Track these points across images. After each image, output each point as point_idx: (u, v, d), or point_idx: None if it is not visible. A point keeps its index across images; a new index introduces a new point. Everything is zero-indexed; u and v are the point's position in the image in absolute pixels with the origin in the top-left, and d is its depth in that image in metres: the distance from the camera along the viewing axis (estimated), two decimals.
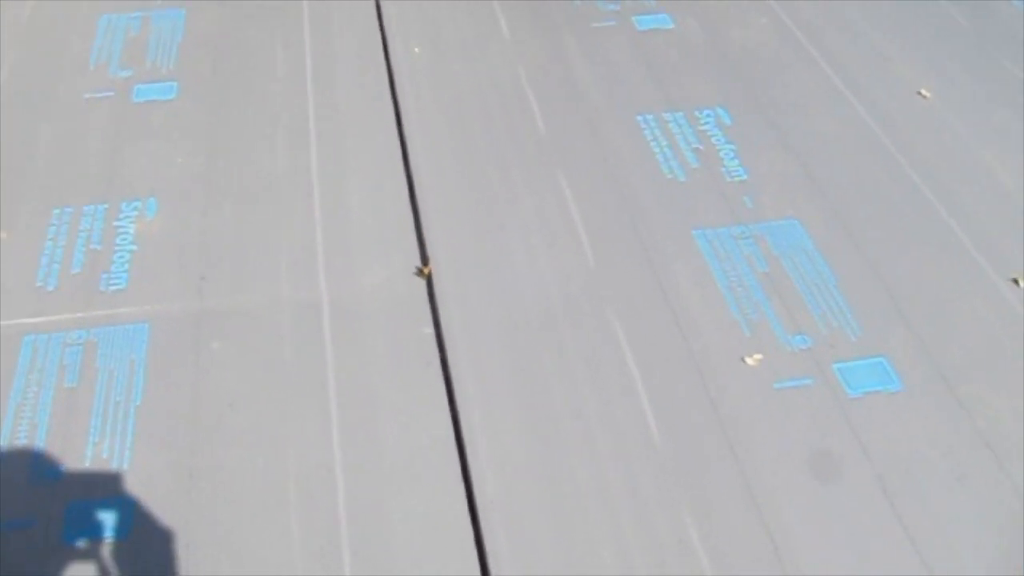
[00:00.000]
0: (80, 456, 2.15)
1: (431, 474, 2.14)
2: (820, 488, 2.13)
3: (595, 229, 2.70)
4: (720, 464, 2.18)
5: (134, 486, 2.11)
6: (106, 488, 2.10)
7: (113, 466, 2.14)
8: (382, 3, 3.57)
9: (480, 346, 2.40)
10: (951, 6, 3.67)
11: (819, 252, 2.64)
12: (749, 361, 2.37)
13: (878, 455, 2.19)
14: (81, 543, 2.00)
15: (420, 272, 2.55)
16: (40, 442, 2.17)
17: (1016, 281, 2.58)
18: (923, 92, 3.22)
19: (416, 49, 3.34)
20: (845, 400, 2.30)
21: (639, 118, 3.07)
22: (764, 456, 2.19)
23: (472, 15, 3.53)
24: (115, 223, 2.68)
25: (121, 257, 2.58)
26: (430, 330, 2.43)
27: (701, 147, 2.97)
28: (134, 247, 2.61)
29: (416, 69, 3.27)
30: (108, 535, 2.02)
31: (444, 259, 2.60)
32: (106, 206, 2.72)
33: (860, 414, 2.27)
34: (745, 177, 2.87)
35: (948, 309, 2.53)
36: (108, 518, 2.05)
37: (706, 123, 3.06)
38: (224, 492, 2.10)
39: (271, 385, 2.31)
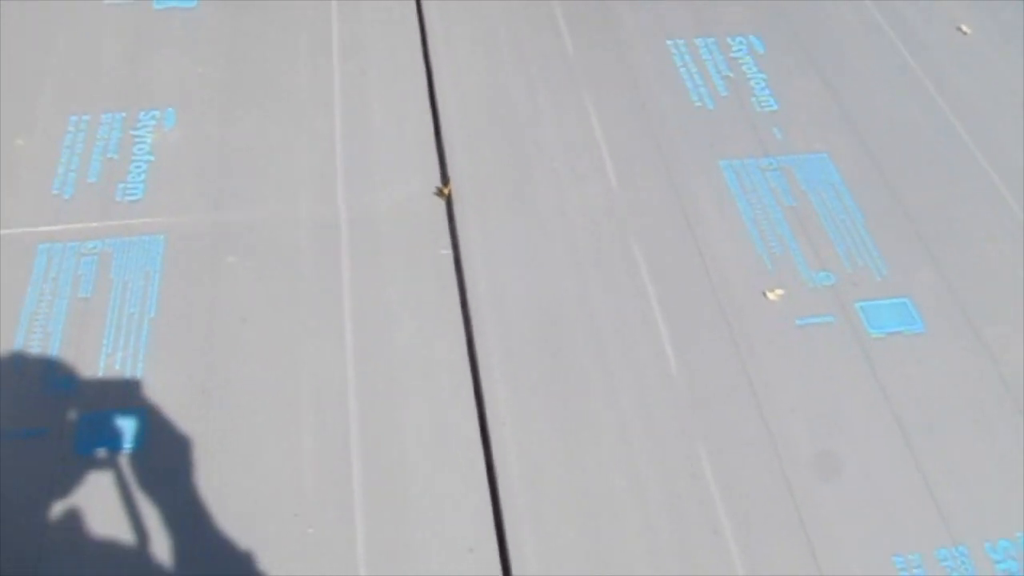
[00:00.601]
0: (94, 367, 2.15)
1: (443, 394, 2.13)
2: (837, 427, 2.11)
3: (620, 154, 2.65)
4: (737, 397, 2.15)
5: (147, 398, 2.10)
6: (119, 399, 2.09)
7: (126, 378, 2.13)
8: None
9: (498, 268, 2.37)
10: None
11: (847, 188, 2.59)
12: (771, 296, 2.34)
13: (897, 396, 2.16)
14: (94, 452, 2.00)
15: (440, 192, 2.52)
16: (54, 352, 2.17)
17: None
18: (963, 28, 3.13)
19: None
20: (867, 339, 2.27)
21: (669, 43, 3.00)
22: (782, 392, 2.16)
23: None
24: (132, 132, 2.64)
25: (138, 167, 2.55)
26: (448, 251, 2.40)
27: (732, 75, 2.90)
28: (151, 157, 2.58)
29: None
30: (121, 446, 2.02)
31: (465, 179, 2.56)
32: (124, 115, 2.68)
33: (881, 354, 2.24)
34: (775, 108, 2.80)
35: (976, 251, 2.48)
36: (121, 429, 2.05)
37: (738, 51, 2.99)
38: (236, 406, 2.10)
39: (286, 301, 2.29)
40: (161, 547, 1.89)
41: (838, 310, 2.32)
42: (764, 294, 2.34)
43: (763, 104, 2.81)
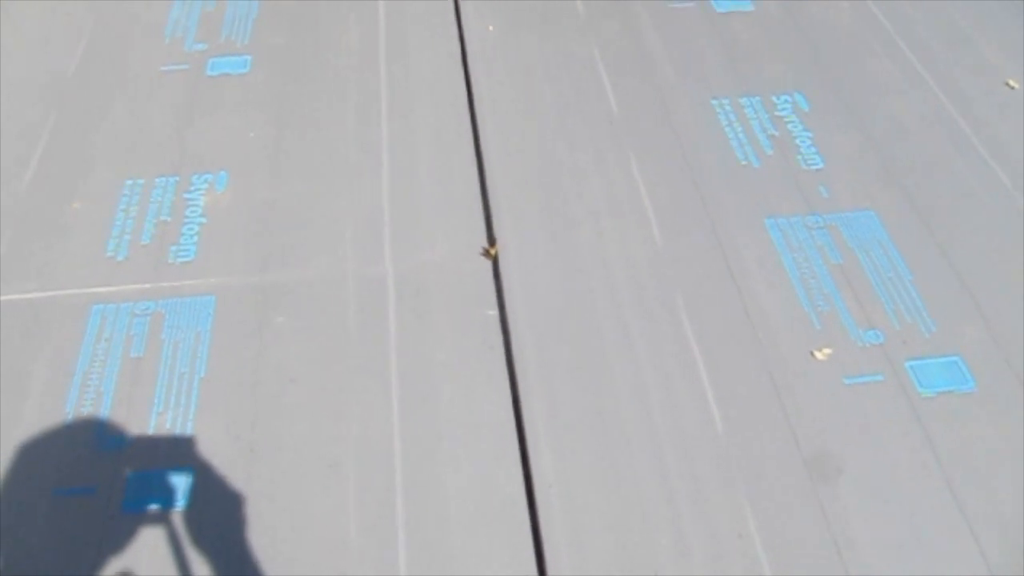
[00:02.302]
0: (144, 425, 2.18)
1: (489, 455, 2.13)
2: (887, 488, 2.08)
3: (664, 213, 2.65)
4: (784, 458, 2.13)
5: (196, 456, 2.13)
6: (168, 458, 2.12)
7: (176, 436, 2.16)
8: None
9: (543, 329, 2.37)
10: None
11: (895, 245, 2.57)
12: (818, 355, 2.32)
13: (948, 457, 2.13)
14: (140, 511, 2.03)
15: (486, 253, 2.54)
16: (105, 411, 2.20)
17: None
18: (1010, 83, 3.11)
19: (490, 27, 3.31)
20: (917, 399, 2.24)
21: (714, 102, 3.02)
22: (830, 451, 2.14)
23: None
24: (185, 195, 2.70)
25: (190, 229, 2.60)
26: (494, 312, 2.41)
27: (777, 133, 2.90)
28: (203, 219, 2.63)
29: (489, 46, 3.25)
30: (167, 505, 2.04)
31: (510, 239, 2.58)
32: (177, 178, 2.75)
33: (932, 414, 2.21)
34: (821, 165, 2.80)
35: None
36: (168, 488, 2.07)
37: (783, 109, 2.99)
38: (283, 465, 2.12)
39: (333, 360, 2.31)
40: None
41: (887, 369, 2.30)
42: (811, 353, 2.33)
43: (809, 161, 2.81)
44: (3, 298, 2.44)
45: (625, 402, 2.23)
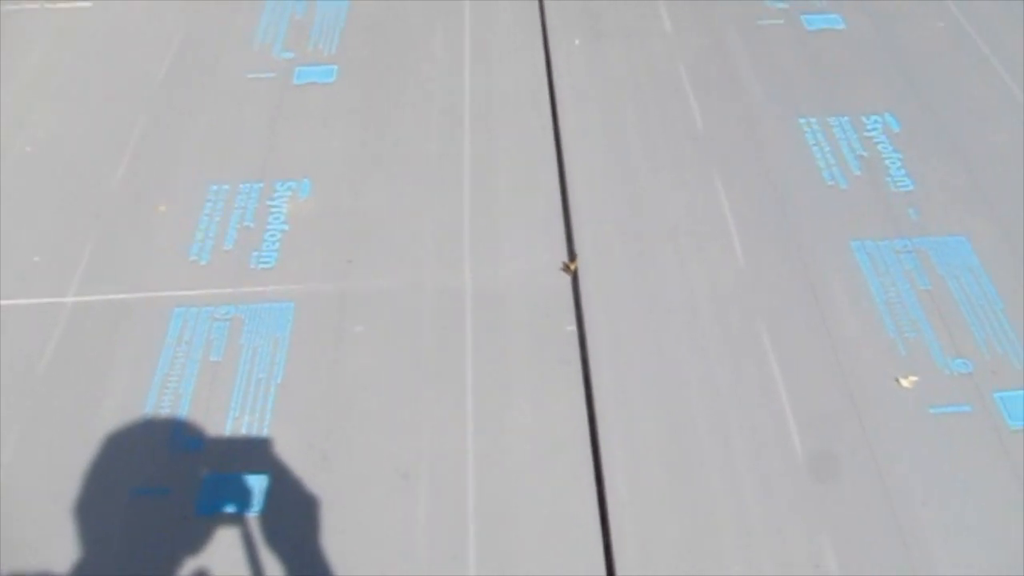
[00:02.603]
0: (220, 429, 2.20)
1: (562, 471, 2.11)
2: (972, 522, 2.01)
3: (748, 233, 2.61)
4: (865, 487, 2.07)
5: (269, 462, 2.14)
6: (242, 462, 2.14)
7: (251, 440, 2.18)
8: None
9: (622, 347, 2.35)
10: None
11: (986, 272, 2.50)
12: (904, 382, 2.26)
13: None
14: (214, 514, 2.04)
15: (566, 268, 2.52)
16: (183, 413, 2.23)
17: None
18: None
19: (576, 41, 3.30)
20: (1005, 431, 2.17)
21: (801, 120, 2.97)
22: (913, 483, 2.08)
23: (635, 8, 3.47)
24: (268, 202, 2.72)
25: (272, 236, 2.62)
26: (572, 328, 2.39)
27: (866, 154, 2.84)
28: (285, 227, 2.65)
29: (575, 60, 3.23)
30: (241, 508, 2.05)
31: (591, 255, 2.56)
32: (261, 185, 2.78)
33: (1021, 447, 2.14)
34: (911, 188, 2.73)
35: None
36: (242, 491, 2.08)
37: (872, 129, 2.93)
38: (355, 474, 2.12)
39: (409, 370, 2.31)
40: None
41: (975, 399, 2.23)
42: (897, 380, 2.27)
43: (898, 184, 2.74)
44: (89, 298, 2.48)
45: (702, 424, 2.19)
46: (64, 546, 2.00)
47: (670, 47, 3.27)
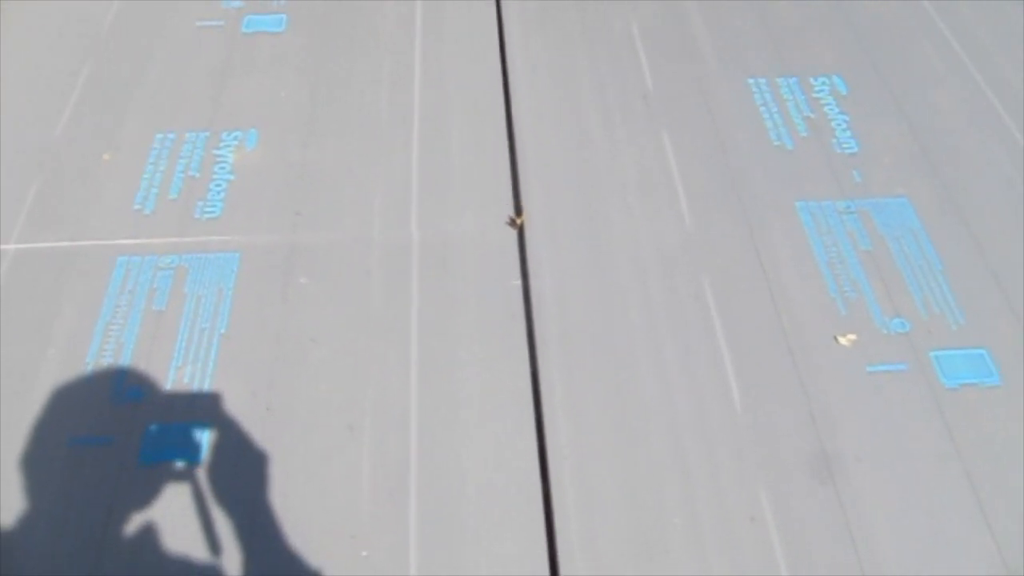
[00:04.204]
0: (163, 379, 2.19)
1: (506, 424, 2.13)
2: (905, 478, 2.06)
3: (695, 191, 2.63)
4: (802, 443, 2.11)
5: (212, 413, 2.14)
6: (184, 412, 2.13)
7: (194, 391, 2.17)
8: None
9: (567, 302, 2.36)
10: None
11: (927, 234, 2.53)
12: (842, 341, 2.30)
13: (969, 450, 2.10)
14: (156, 464, 2.04)
15: (512, 222, 2.52)
16: (125, 362, 2.21)
17: None
18: None
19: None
20: (940, 390, 2.21)
21: (750, 80, 2.98)
22: (850, 440, 2.12)
23: None
24: (215, 152, 2.70)
25: (218, 186, 2.60)
26: (518, 282, 2.40)
27: (813, 115, 2.86)
28: (231, 177, 2.63)
29: (526, 14, 3.22)
30: (183, 458, 2.05)
31: (538, 211, 2.57)
32: (207, 134, 2.75)
33: (954, 406, 2.18)
34: (856, 150, 2.76)
35: None
36: (185, 442, 2.08)
37: (820, 91, 2.95)
38: (300, 425, 2.12)
39: (355, 323, 2.31)
40: (217, 560, 1.91)
41: (911, 358, 2.27)
42: (836, 339, 2.30)
43: (843, 146, 2.77)
44: (30, 246, 2.45)
45: (645, 379, 2.21)
46: (5, 496, 1.99)
47: (623, 5, 3.27)
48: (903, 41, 3.17)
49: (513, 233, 2.51)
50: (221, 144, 2.72)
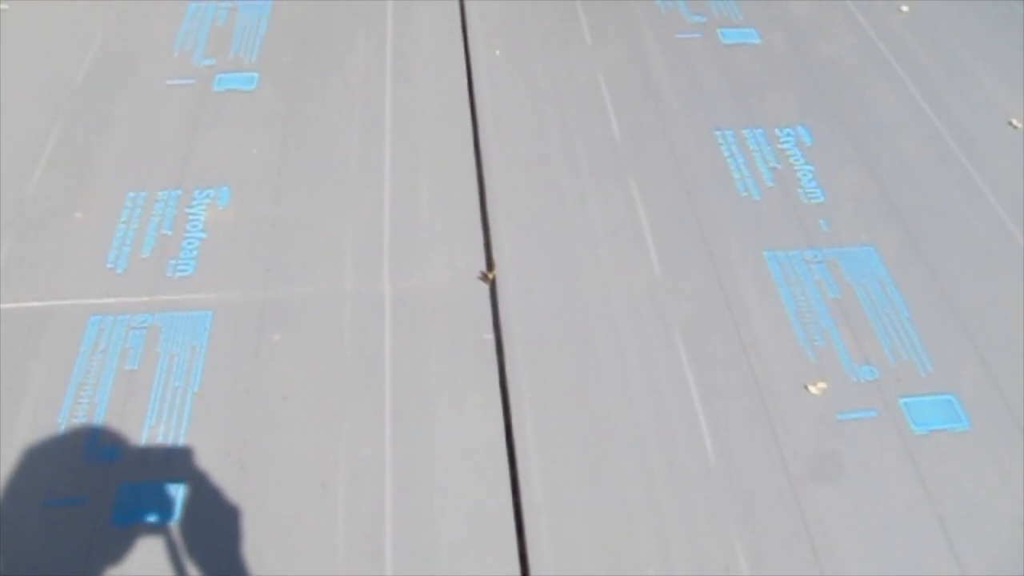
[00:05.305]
0: (136, 438, 2.18)
1: (480, 479, 2.13)
2: (878, 526, 2.08)
3: (664, 242, 2.66)
4: (776, 492, 2.13)
5: (186, 470, 2.13)
6: (158, 471, 2.12)
7: (167, 449, 2.16)
8: (466, 3, 3.56)
9: (539, 356, 2.37)
10: None
11: (893, 281, 2.57)
12: (813, 389, 2.32)
13: (940, 495, 2.13)
14: (130, 523, 2.02)
15: (484, 277, 2.54)
16: (98, 421, 2.20)
17: None
18: (1013, 122, 3.12)
19: (497, 51, 3.33)
20: (909, 436, 2.24)
21: (717, 132, 3.03)
22: (822, 488, 2.13)
23: (555, 18, 3.50)
24: (187, 210, 2.71)
25: (190, 244, 2.60)
26: (490, 336, 2.41)
27: (779, 166, 2.91)
28: (203, 234, 2.64)
29: (495, 70, 3.26)
30: (157, 517, 2.04)
31: (509, 264, 2.58)
32: (179, 192, 2.76)
33: (924, 452, 2.21)
34: (822, 199, 2.80)
35: None
36: (159, 500, 2.07)
37: (785, 141, 3.00)
38: (273, 482, 2.12)
39: (328, 378, 2.31)
40: None
41: (881, 405, 2.30)
42: (806, 387, 2.33)
43: (809, 195, 2.81)
44: (2, 306, 2.44)
45: (618, 431, 2.23)
46: None
47: (590, 57, 3.32)
48: (864, 89, 3.24)
49: (485, 287, 2.52)
50: (193, 202, 2.72)
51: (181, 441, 2.18)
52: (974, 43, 3.47)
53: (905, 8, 3.63)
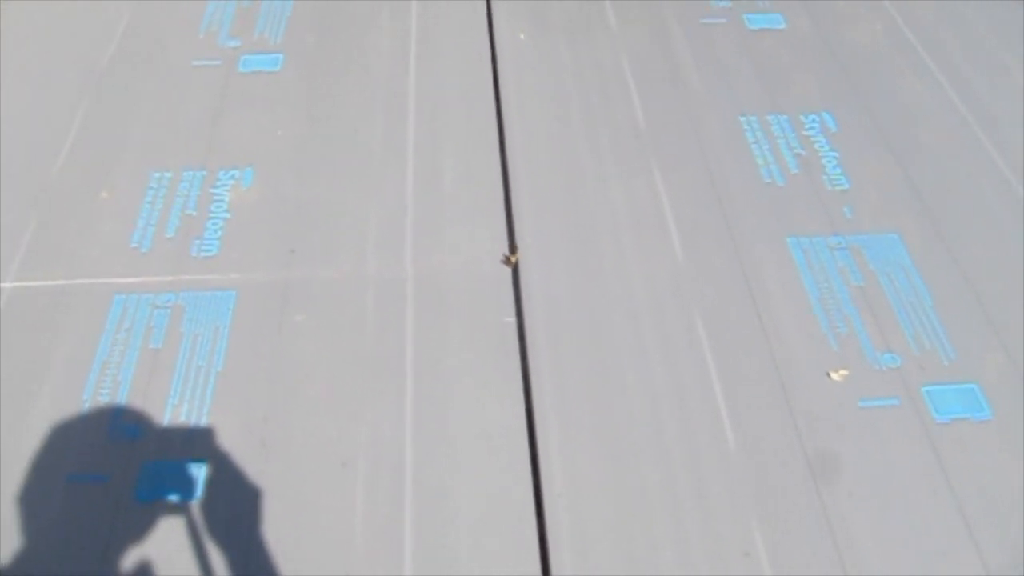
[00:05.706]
0: (159, 416, 2.20)
1: (499, 461, 2.14)
2: (898, 512, 2.07)
3: (687, 228, 2.65)
4: (795, 479, 2.12)
5: (208, 449, 2.14)
6: (181, 450, 2.14)
7: (190, 428, 2.18)
8: None
9: (560, 339, 2.38)
10: None
11: (917, 269, 2.56)
12: (834, 376, 2.31)
13: (961, 484, 2.12)
14: (152, 501, 2.04)
15: (507, 260, 2.54)
16: (122, 400, 2.22)
17: None
18: None
19: (521, 35, 3.32)
20: (931, 425, 2.23)
21: (742, 118, 3.01)
22: (842, 475, 2.13)
23: (580, 2, 3.49)
24: (211, 190, 2.72)
25: (214, 224, 2.62)
26: (512, 319, 2.41)
27: (803, 152, 2.89)
28: (228, 215, 2.65)
29: (520, 54, 3.26)
30: (179, 495, 2.06)
31: (532, 247, 2.59)
32: (204, 173, 2.77)
33: (946, 441, 2.20)
34: (847, 186, 2.79)
35: None
36: (181, 478, 2.09)
37: (811, 128, 2.99)
38: (294, 461, 2.13)
39: (350, 360, 2.32)
40: None
41: (903, 393, 2.29)
42: (828, 374, 2.32)
43: (834, 182, 2.80)
44: (28, 284, 2.47)
45: (638, 415, 2.23)
46: (2, 533, 1.99)
47: (614, 42, 3.31)
48: (890, 76, 3.21)
49: (507, 270, 2.52)
50: (217, 182, 2.74)
51: (204, 420, 2.19)
52: (1003, 31, 3.43)
53: None
